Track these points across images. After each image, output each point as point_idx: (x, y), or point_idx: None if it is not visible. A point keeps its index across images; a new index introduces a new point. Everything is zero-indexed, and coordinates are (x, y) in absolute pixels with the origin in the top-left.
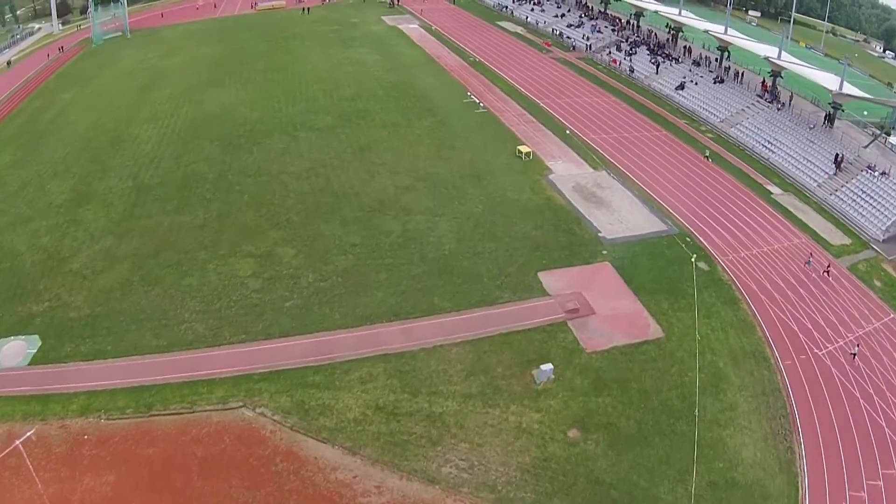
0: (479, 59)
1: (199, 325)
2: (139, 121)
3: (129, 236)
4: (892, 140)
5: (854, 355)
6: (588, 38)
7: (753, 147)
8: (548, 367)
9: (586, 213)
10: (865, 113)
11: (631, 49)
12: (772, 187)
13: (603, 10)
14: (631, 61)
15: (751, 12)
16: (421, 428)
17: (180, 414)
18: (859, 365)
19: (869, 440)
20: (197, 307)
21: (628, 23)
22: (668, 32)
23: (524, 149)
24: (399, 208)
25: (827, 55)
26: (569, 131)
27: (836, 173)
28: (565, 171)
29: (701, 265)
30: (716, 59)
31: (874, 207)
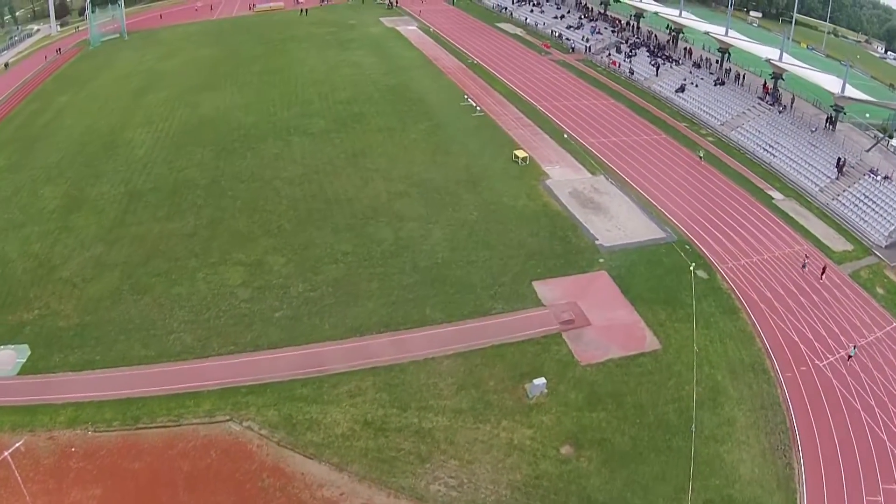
0: (478, 61)
1: (188, 336)
2: (133, 125)
3: (120, 244)
4: (894, 143)
5: (851, 356)
6: (587, 40)
7: (754, 151)
8: (540, 381)
9: (583, 220)
10: (868, 115)
11: (631, 51)
12: (773, 192)
13: (603, 11)
14: (631, 63)
15: (752, 13)
16: (410, 444)
17: (167, 427)
18: (860, 374)
19: (870, 454)
20: (186, 317)
21: (628, 24)
22: (669, 34)
23: (521, 153)
24: (392, 215)
25: (828, 56)
26: (567, 135)
27: (838, 177)
28: (562, 177)
29: (700, 273)
30: (716, 61)
31: (876, 213)
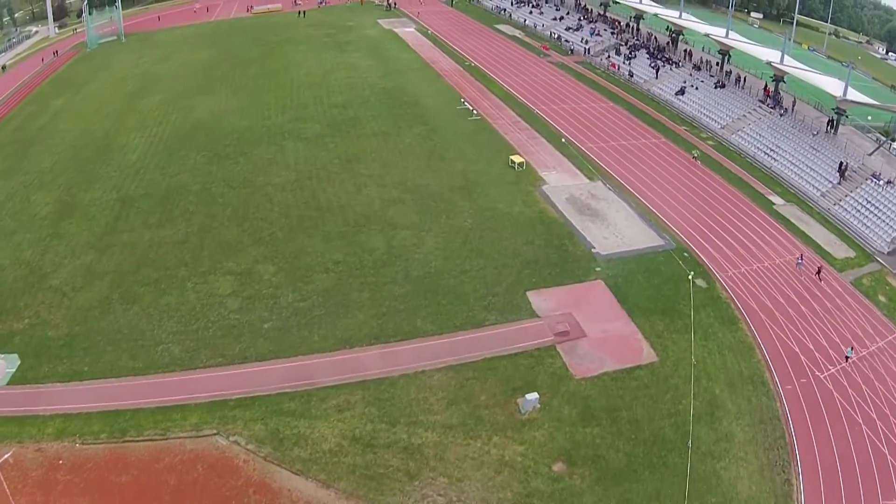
0: (475, 63)
1: (176, 347)
2: (127, 129)
3: (111, 251)
4: None
5: (847, 358)
6: (587, 42)
7: (755, 155)
8: (533, 396)
9: (580, 227)
10: (869, 118)
11: (630, 53)
12: (774, 197)
13: (602, 12)
14: (630, 65)
15: (753, 14)
16: (398, 460)
17: (154, 440)
18: (861, 386)
19: (870, 468)
20: (174, 328)
21: (628, 26)
22: (669, 36)
23: (517, 159)
24: (385, 223)
25: (830, 57)
26: (564, 139)
27: (840, 182)
28: (559, 182)
29: (699, 282)
30: (717, 63)
31: (879, 218)
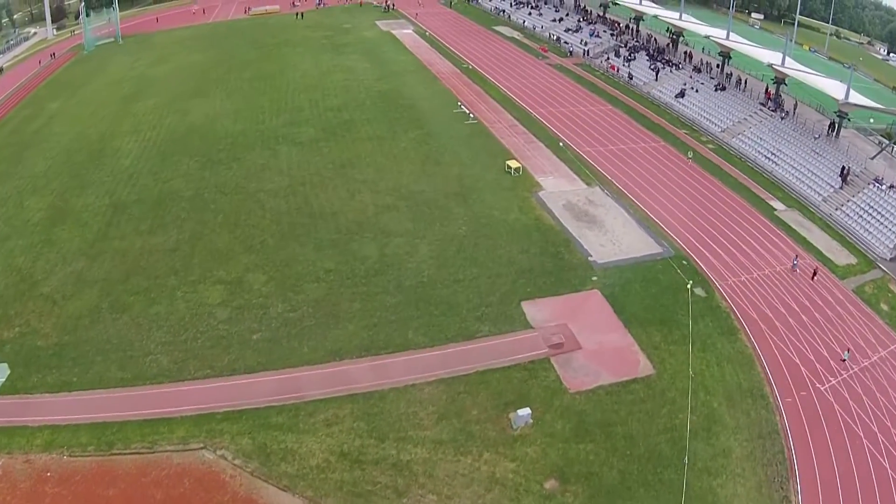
0: (473, 65)
1: (164, 358)
2: (121, 133)
3: (101, 259)
4: None
5: (844, 360)
6: (586, 44)
7: (756, 159)
8: (525, 412)
9: (577, 235)
10: (871, 120)
11: (630, 55)
12: (775, 202)
13: (602, 14)
14: (629, 67)
15: (753, 15)
16: (387, 477)
17: (141, 454)
18: (862, 398)
19: (871, 483)
20: (163, 338)
21: (627, 27)
22: (669, 37)
23: (513, 164)
24: (378, 230)
25: (831, 59)
26: (562, 143)
27: (841, 187)
28: (556, 188)
29: (698, 291)
30: (717, 66)
31: (881, 224)
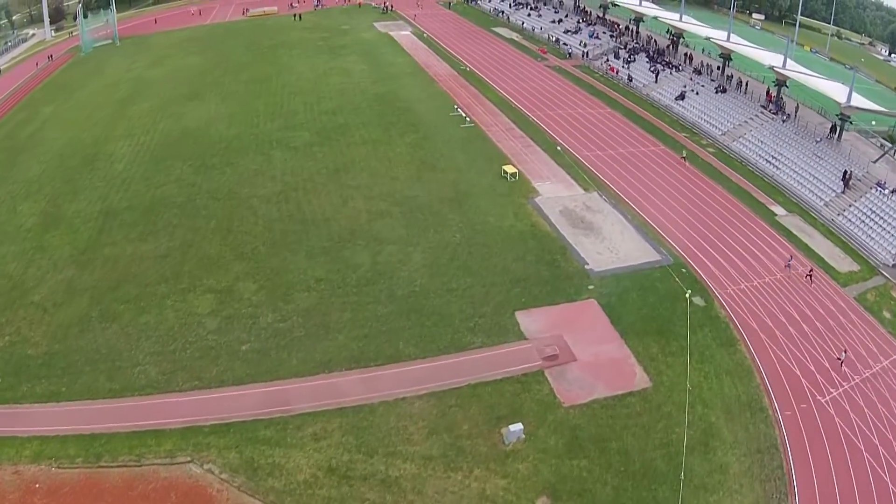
0: (471, 67)
1: (153, 369)
2: (115, 137)
3: (92, 266)
4: None
5: (841, 361)
6: (585, 45)
7: (756, 162)
8: (517, 427)
9: (573, 242)
10: (873, 123)
11: (629, 56)
12: (776, 208)
13: (601, 15)
14: (629, 69)
15: (754, 15)
16: (375, 494)
17: (128, 466)
18: (864, 410)
19: (871, 498)
20: (152, 348)
21: (627, 28)
22: (669, 39)
23: (510, 169)
24: (371, 238)
25: (832, 59)
26: (560, 147)
27: (843, 191)
28: (553, 193)
29: (696, 300)
30: (718, 67)
31: (883, 229)
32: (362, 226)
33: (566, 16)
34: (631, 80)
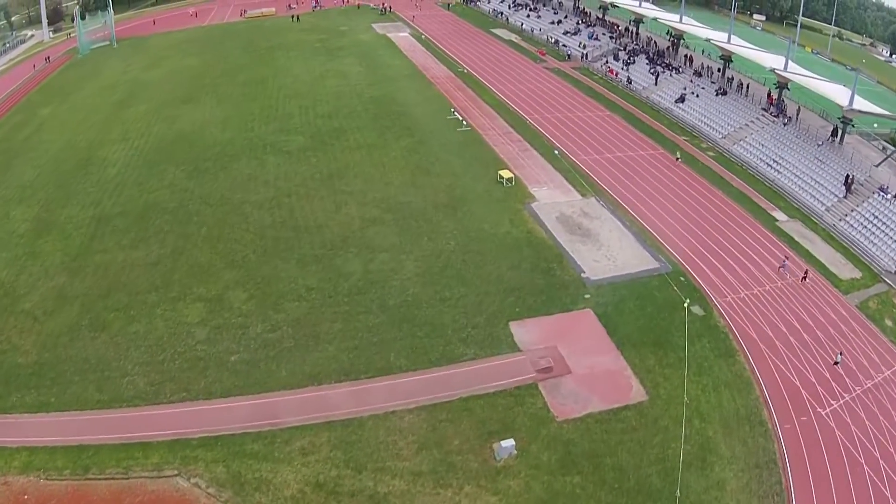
0: (469, 69)
1: (141, 380)
2: (110, 141)
3: (83, 273)
4: None
5: (837, 363)
6: (584, 47)
7: (757, 166)
8: (509, 443)
9: (570, 249)
10: (875, 125)
11: (629, 58)
12: (777, 213)
13: (601, 16)
14: (629, 71)
15: (755, 16)
16: None
17: (115, 479)
18: (865, 423)
19: None
20: (141, 358)
21: (627, 30)
22: (669, 40)
23: (506, 174)
24: (363, 245)
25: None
26: (557, 152)
27: (845, 196)
28: (550, 199)
29: (695, 309)
30: (718, 70)
31: (886, 235)
32: (355, 233)
33: (565, 17)
34: (630, 83)
